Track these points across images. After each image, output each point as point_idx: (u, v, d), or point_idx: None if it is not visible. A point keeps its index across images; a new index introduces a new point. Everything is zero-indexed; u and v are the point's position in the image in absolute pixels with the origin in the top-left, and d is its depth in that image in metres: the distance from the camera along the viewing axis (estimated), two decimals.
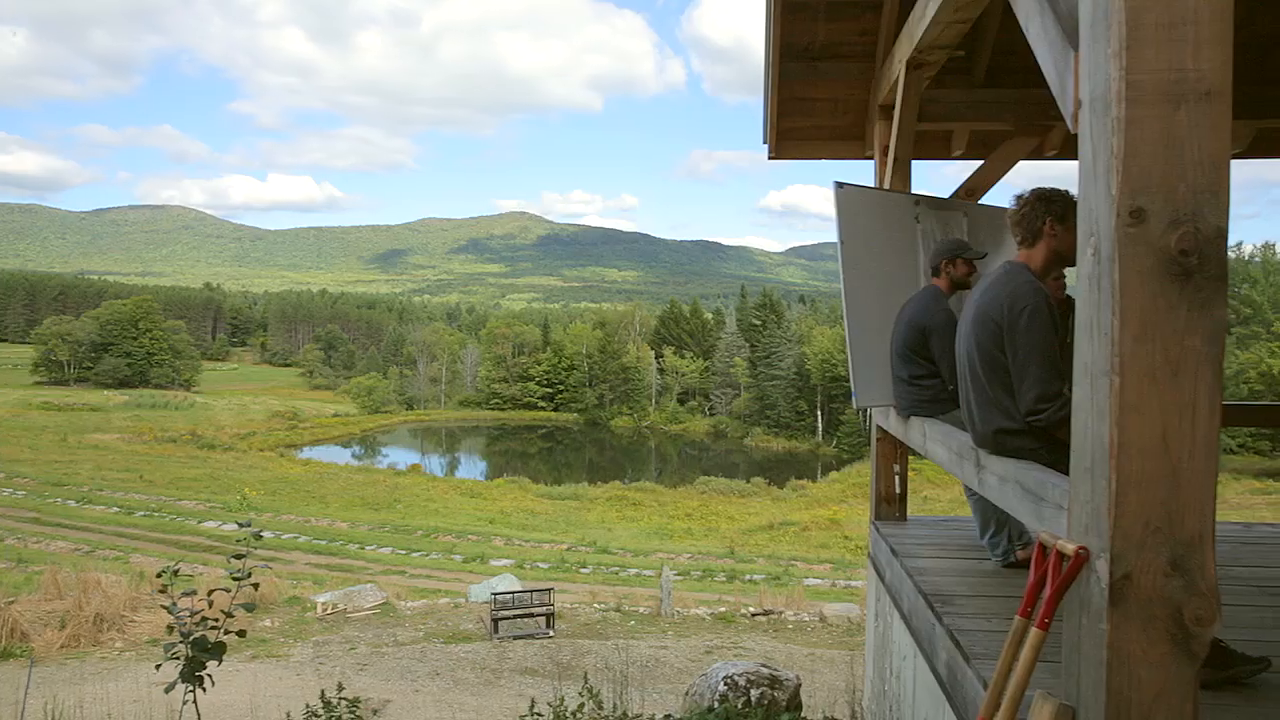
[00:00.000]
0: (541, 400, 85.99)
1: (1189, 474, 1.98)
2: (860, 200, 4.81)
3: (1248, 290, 61.56)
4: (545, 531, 36.60)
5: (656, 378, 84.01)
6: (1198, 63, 1.96)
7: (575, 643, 15.02)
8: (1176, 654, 2.00)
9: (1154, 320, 1.95)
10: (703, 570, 27.41)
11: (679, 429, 78.36)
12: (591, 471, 60.48)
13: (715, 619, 17.22)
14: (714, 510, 41.94)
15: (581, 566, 28.17)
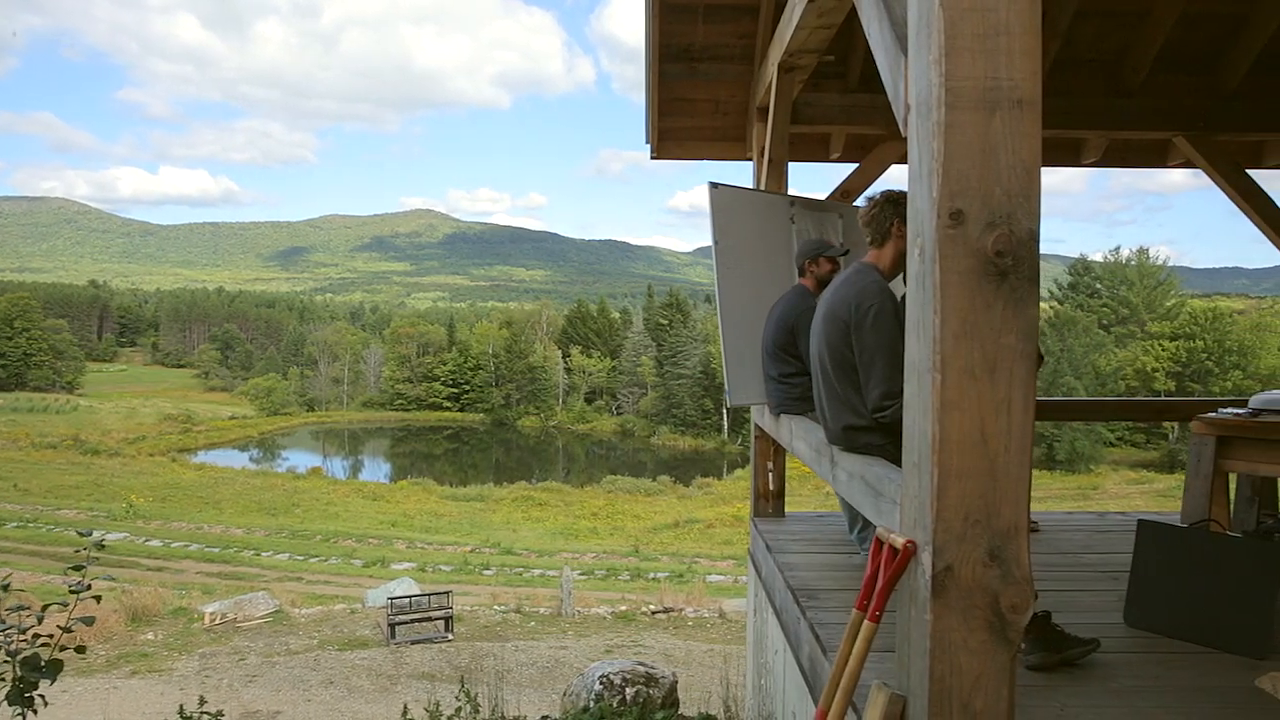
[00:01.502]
0: (447, 401, 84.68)
1: (1005, 467, 2.05)
2: (735, 201, 4.86)
3: (1125, 292, 65.00)
4: (449, 534, 36.07)
5: (564, 377, 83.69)
6: (1010, 72, 2.03)
7: (474, 645, 14.83)
8: (994, 641, 2.07)
9: (972, 319, 2.02)
10: (607, 569, 27.43)
11: (586, 428, 78.24)
12: (498, 472, 59.90)
13: (616, 618, 17.26)
14: (620, 509, 42.03)
15: (485, 568, 27.86)
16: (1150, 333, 60.38)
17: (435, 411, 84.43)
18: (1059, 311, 62.92)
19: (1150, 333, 60.38)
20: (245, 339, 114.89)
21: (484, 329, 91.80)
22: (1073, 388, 53.83)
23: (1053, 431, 51.15)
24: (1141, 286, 65.19)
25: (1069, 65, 5.69)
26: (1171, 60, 5.67)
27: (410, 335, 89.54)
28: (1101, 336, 60.47)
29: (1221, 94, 5.70)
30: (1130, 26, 5.56)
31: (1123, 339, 61.81)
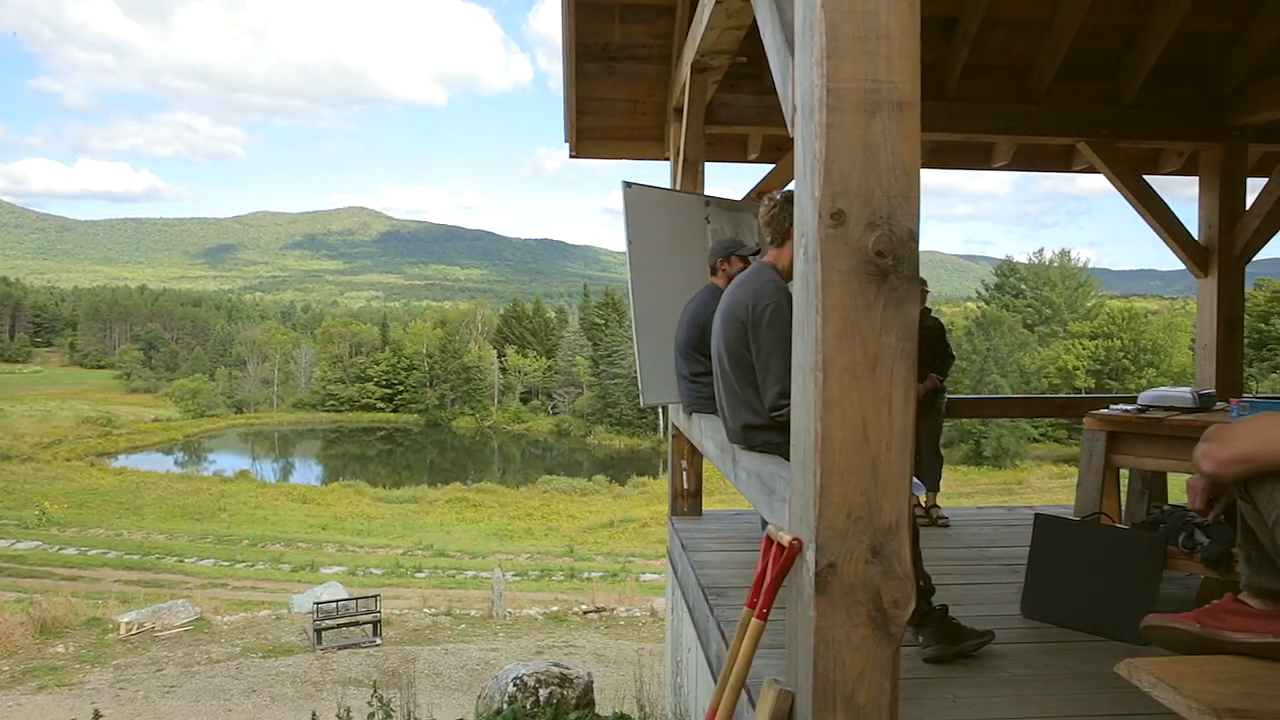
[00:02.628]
0: (380, 401, 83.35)
1: (887, 465, 2.07)
2: (649, 201, 4.87)
3: (1048, 292, 67.01)
4: (381, 536, 35.51)
5: (499, 377, 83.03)
6: (890, 75, 2.06)
7: (403, 649, 14.62)
8: (877, 636, 2.09)
9: (853, 318, 2.03)
10: (541, 570, 27.31)
11: (522, 428, 77.77)
12: (432, 473, 59.17)
13: (548, 619, 17.19)
14: (555, 509, 41.89)
15: (417, 571, 27.50)
16: (1071, 332, 62.37)
17: (368, 412, 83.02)
18: (985, 311, 64.60)
19: (1071, 332, 62.37)
20: (170, 339, 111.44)
21: (418, 328, 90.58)
22: (999, 385, 55.33)
23: (979, 428, 52.49)
24: (1064, 287, 67.26)
25: (979, 72, 5.83)
26: (1075, 69, 5.85)
27: (342, 335, 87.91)
28: (1026, 336, 62.23)
29: (1121, 103, 5.90)
30: (1036, 36, 5.71)
31: (1046, 338, 63.72)
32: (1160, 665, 1.81)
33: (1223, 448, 1.79)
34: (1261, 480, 1.78)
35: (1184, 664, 1.83)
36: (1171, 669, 1.80)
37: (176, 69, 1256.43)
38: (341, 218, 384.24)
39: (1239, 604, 1.92)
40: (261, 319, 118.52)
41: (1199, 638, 1.91)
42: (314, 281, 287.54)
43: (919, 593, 3.28)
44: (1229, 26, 5.74)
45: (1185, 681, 1.73)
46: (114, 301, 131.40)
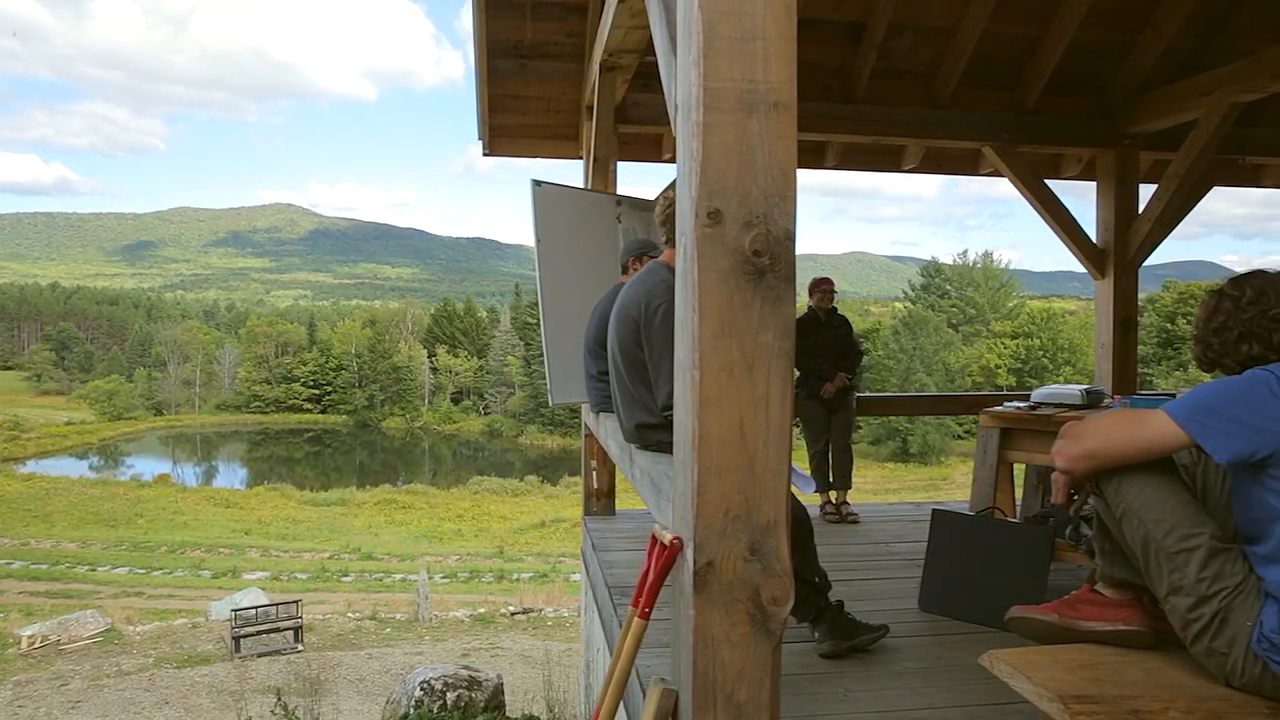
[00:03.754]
0: (307, 402, 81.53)
1: (764, 463, 2.08)
2: (559, 199, 4.84)
3: (971, 293, 68.82)
4: (307, 540, 34.76)
5: (430, 377, 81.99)
6: (767, 75, 2.07)
7: (325, 655, 14.33)
8: (756, 633, 2.10)
9: (730, 317, 2.04)
10: (470, 571, 27.06)
11: (453, 429, 76.90)
12: (362, 475, 58.12)
13: (474, 620, 17.04)
14: (486, 510, 41.56)
15: (343, 575, 27.01)
16: (994, 331, 64.12)
17: (295, 414, 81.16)
18: (912, 311, 66.04)
19: (994, 331, 64.12)
20: (85, 338, 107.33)
21: (346, 328, 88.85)
22: (924, 384, 56.61)
23: (906, 426, 53.63)
24: (986, 288, 69.14)
25: (887, 76, 5.93)
26: (979, 75, 6.00)
27: (268, 334, 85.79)
28: (951, 335, 63.79)
29: (1022, 109, 6.08)
30: (941, 42, 5.84)
31: (969, 337, 65.41)
32: (1018, 656, 1.86)
33: (1072, 445, 1.85)
34: (1108, 475, 1.84)
35: (1041, 654, 1.88)
36: (1028, 659, 1.85)
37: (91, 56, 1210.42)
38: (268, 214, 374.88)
39: (1095, 594, 1.98)
40: (183, 318, 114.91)
41: (1057, 627, 1.97)
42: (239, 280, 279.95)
43: (815, 589, 3.33)
44: (1120, 39, 5.95)
45: (1039, 671, 1.78)
46: (23, 299, 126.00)
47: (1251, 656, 1.67)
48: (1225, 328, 1.90)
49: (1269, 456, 1.65)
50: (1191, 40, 5.99)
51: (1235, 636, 1.69)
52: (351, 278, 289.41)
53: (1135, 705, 1.65)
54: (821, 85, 5.90)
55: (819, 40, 5.73)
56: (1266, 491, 1.67)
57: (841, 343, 5.86)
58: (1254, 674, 1.68)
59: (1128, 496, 1.80)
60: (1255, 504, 1.70)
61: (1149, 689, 1.71)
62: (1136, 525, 1.79)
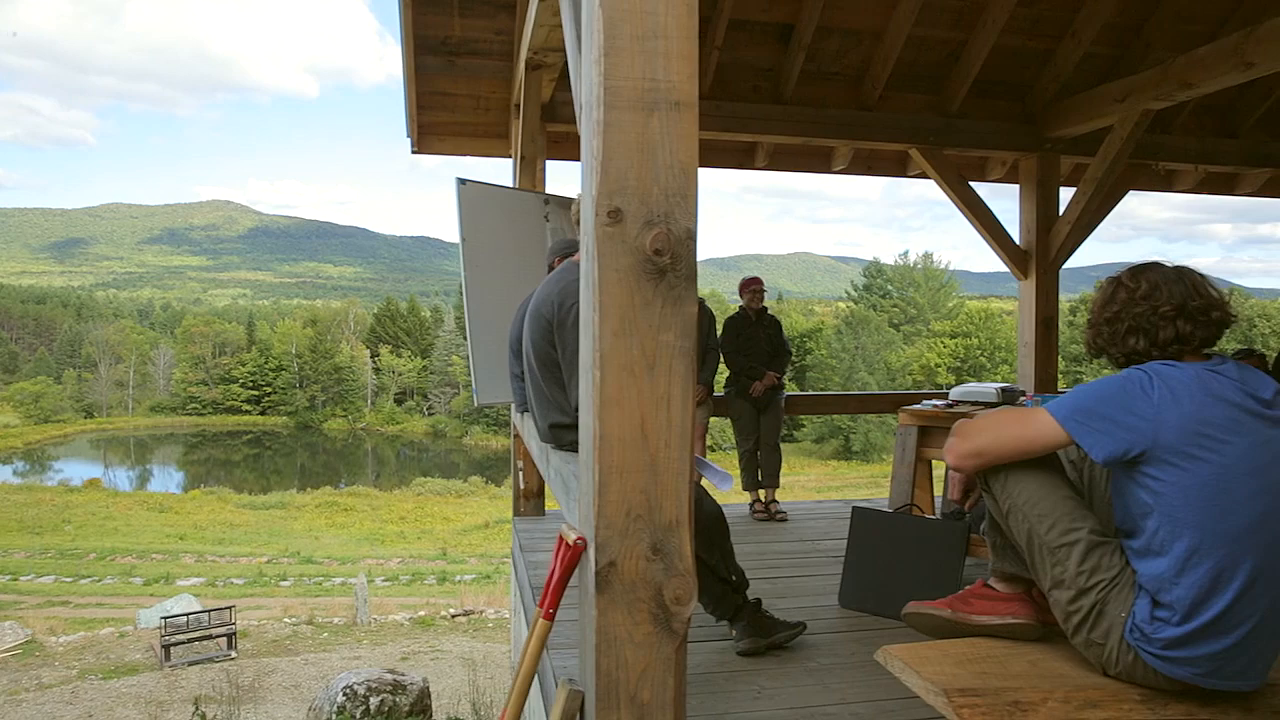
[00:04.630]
0: (246, 404, 79.81)
1: (666, 463, 2.07)
2: (485, 198, 4.80)
3: (913, 293, 70.03)
4: (244, 544, 33.97)
5: (372, 378, 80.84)
6: (669, 74, 2.06)
7: (259, 661, 14.04)
8: (659, 633, 2.10)
9: (631, 316, 2.03)
10: (412, 574, 26.74)
11: (396, 430, 75.92)
12: (303, 477, 57.09)
13: (414, 624, 16.84)
14: (429, 512, 41.08)
15: (281, 579, 26.47)
16: (934, 331, 65.32)
17: (234, 415, 79.40)
18: (854, 311, 66.97)
19: (934, 331, 65.32)
20: (9, 338, 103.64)
21: (287, 327, 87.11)
22: (866, 382, 57.44)
23: (849, 424, 54.38)
24: (927, 288, 70.42)
25: (816, 78, 6.00)
26: (905, 78, 6.10)
27: (205, 334, 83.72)
28: (892, 334, 64.83)
29: (947, 112, 6.19)
30: (868, 45, 5.93)
31: (910, 337, 66.55)
32: (909, 651, 1.89)
33: (961, 442, 1.88)
34: (995, 472, 1.87)
35: (932, 648, 1.91)
36: (919, 654, 1.88)
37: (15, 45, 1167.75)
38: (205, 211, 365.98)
39: (987, 589, 2.02)
40: (115, 317, 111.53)
41: (950, 622, 2.00)
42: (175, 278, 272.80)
43: (733, 588, 3.35)
44: (1041, 46, 6.10)
45: (927, 665, 1.81)
46: None
47: (1125, 646, 1.72)
48: (1117, 318, 1.90)
49: (1142, 454, 1.69)
50: (1108, 49, 6.16)
51: (1111, 627, 1.73)
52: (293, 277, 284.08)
53: (1017, 696, 1.68)
54: (752, 86, 5.94)
55: (749, 41, 5.77)
56: (1140, 488, 1.72)
57: (771, 342, 5.91)
58: (1128, 662, 1.73)
59: (1013, 493, 1.84)
60: (1130, 500, 1.74)
61: (1032, 680, 1.75)
62: (1021, 520, 1.83)
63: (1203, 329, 1.83)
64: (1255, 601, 1.65)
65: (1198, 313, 1.82)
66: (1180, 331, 1.82)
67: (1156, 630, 1.68)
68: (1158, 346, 1.85)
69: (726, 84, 5.83)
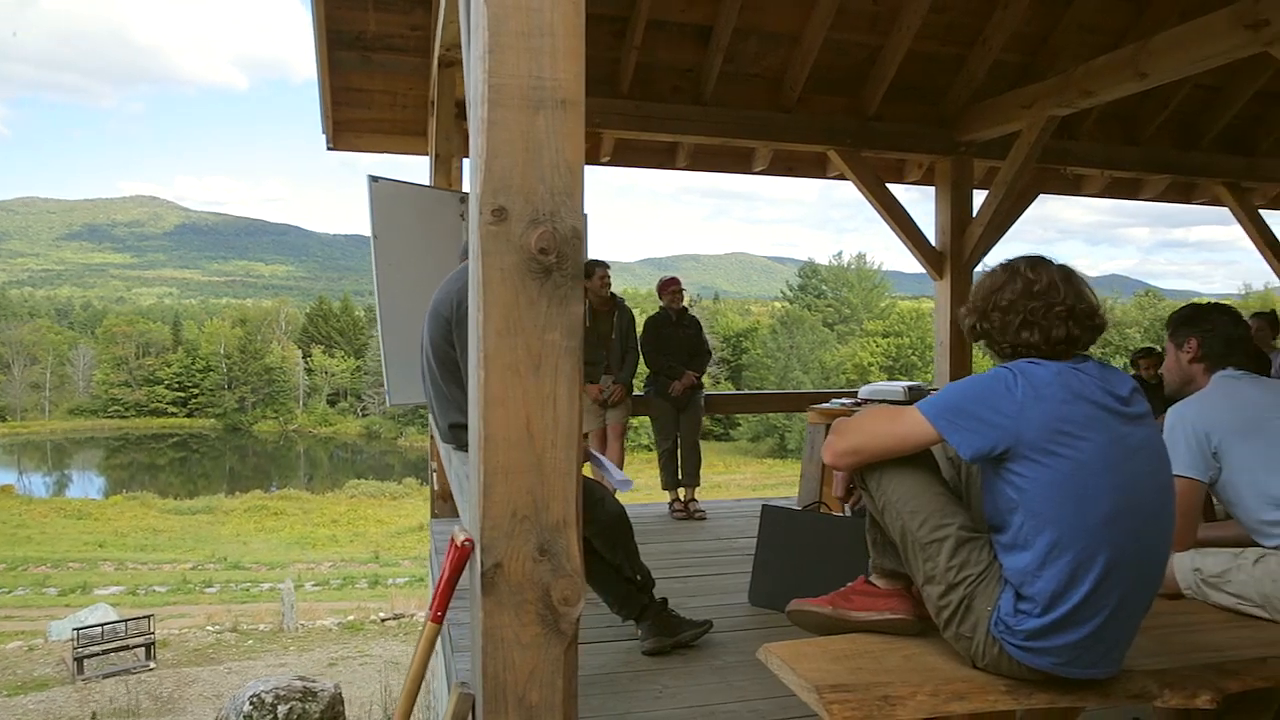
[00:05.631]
0: (172, 406, 77.52)
1: (553, 463, 2.06)
2: (398, 195, 4.73)
3: (846, 293, 71.20)
4: (169, 551, 33.00)
5: (304, 378, 79.23)
6: (554, 72, 2.05)
7: (180, 672, 13.65)
8: (547, 634, 2.08)
9: (516, 316, 2.01)
10: (343, 578, 26.28)
11: (329, 431, 74.50)
12: (232, 481, 55.68)
13: (343, 628, 16.54)
14: (362, 514, 40.42)
15: (207, 586, 25.78)
16: (866, 330, 66.50)
17: (158, 418, 77.06)
18: (789, 311, 67.83)
19: (866, 330, 66.50)
20: None
21: (215, 327, 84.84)
22: (801, 381, 58.20)
23: (784, 422, 55.03)
24: (860, 288, 71.66)
25: (735, 79, 6.04)
26: (823, 81, 6.18)
27: (128, 334, 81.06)
28: (826, 334, 65.83)
29: (864, 115, 6.29)
30: (786, 48, 5.99)
31: (844, 336, 67.63)
32: (789, 648, 1.91)
33: (838, 440, 1.90)
34: (871, 470, 1.90)
35: (812, 645, 1.93)
36: (799, 651, 1.90)
37: None
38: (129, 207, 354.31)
39: (868, 585, 2.05)
40: (31, 316, 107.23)
41: (831, 618, 2.02)
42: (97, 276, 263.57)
43: (639, 587, 3.35)
44: (954, 52, 6.24)
45: (804, 662, 1.83)
46: None
47: (990, 639, 1.76)
48: (1011, 309, 1.85)
49: (1006, 451, 1.73)
50: (1017, 56, 6.32)
51: (978, 621, 1.77)
52: (222, 275, 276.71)
53: (887, 691, 1.71)
54: (672, 86, 5.96)
55: (668, 42, 5.78)
56: (1006, 484, 1.76)
57: (691, 342, 5.94)
58: (993, 655, 1.77)
59: (887, 490, 1.87)
60: (998, 496, 1.78)
61: (904, 675, 1.78)
62: (895, 517, 1.86)
63: (1088, 333, 1.86)
64: (1109, 593, 1.70)
65: (1084, 316, 1.85)
66: (1070, 332, 1.84)
67: (1019, 622, 1.72)
68: (1048, 344, 1.84)
69: (646, 84, 5.84)
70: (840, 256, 74.82)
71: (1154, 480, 1.78)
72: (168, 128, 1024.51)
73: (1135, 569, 1.73)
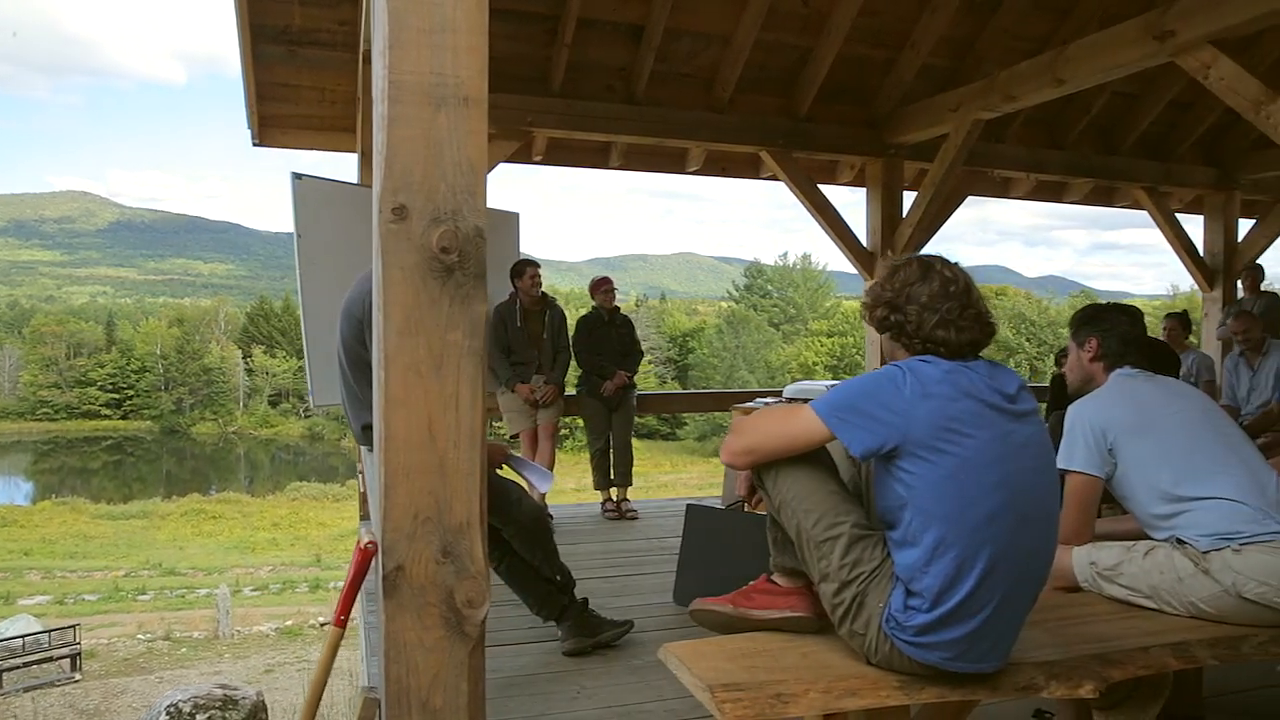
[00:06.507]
0: (106, 408, 75.35)
1: (455, 464, 2.04)
2: (322, 193, 4.66)
3: (791, 293, 71.91)
4: (100, 558, 32.01)
5: (245, 379, 77.60)
6: (457, 69, 2.02)
7: (108, 683, 13.26)
8: (451, 637, 2.06)
9: (417, 315, 1.99)
10: (283, 582, 25.79)
11: (271, 433, 73.08)
12: (169, 484, 54.31)
13: (281, 634, 16.24)
14: (304, 517, 39.74)
15: (140, 594, 25.08)
16: (811, 330, 67.23)
17: (91, 420, 74.82)
18: (735, 311, 68.29)
19: (811, 330, 67.23)
20: None
21: (151, 327, 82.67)
22: (747, 380, 58.64)
23: (729, 421, 55.34)
24: (806, 288, 72.43)
25: (668, 79, 6.06)
26: (755, 82, 6.22)
27: (58, 334, 78.55)
28: (772, 334, 66.41)
29: (796, 116, 6.35)
30: (718, 48, 6.02)
31: (790, 335, 68.30)
32: (686, 648, 1.91)
33: (734, 439, 1.91)
34: (767, 469, 1.92)
35: (711, 644, 1.94)
36: (697, 650, 1.90)
37: None
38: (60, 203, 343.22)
39: (770, 583, 2.07)
40: None
41: (732, 617, 2.03)
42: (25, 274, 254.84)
43: (559, 588, 3.34)
44: (884, 55, 6.33)
45: (700, 661, 1.83)
46: None
47: (882, 635, 1.78)
48: (929, 306, 1.85)
49: (895, 448, 1.76)
50: (945, 60, 6.44)
51: (870, 618, 1.79)
52: (159, 274, 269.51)
53: (780, 689, 1.72)
54: (605, 85, 5.95)
55: (600, 41, 5.77)
56: (896, 481, 1.78)
57: (623, 341, 5.94)
58: (885, 651, 1.79)
59: (783, 489, 1.88)
60: (889, 493, 1.81)
61: (799, 672, 1.80)
62: (790, 515, 1.88)
63: (987, 338, 1.90)
64: (993, 588, 1.73)
65: (987, 322, 1.89)
66: (974, 337, 1.86)
67: (909, 618, 1.75)
68: (958, 344, 1.84)
69: (578, 83, 5.82)
70: (786, 257, 75.65)
71: (1039, 477, 1.82)
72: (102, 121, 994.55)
73: (1019, 564, 1.77)
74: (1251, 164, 7.63)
